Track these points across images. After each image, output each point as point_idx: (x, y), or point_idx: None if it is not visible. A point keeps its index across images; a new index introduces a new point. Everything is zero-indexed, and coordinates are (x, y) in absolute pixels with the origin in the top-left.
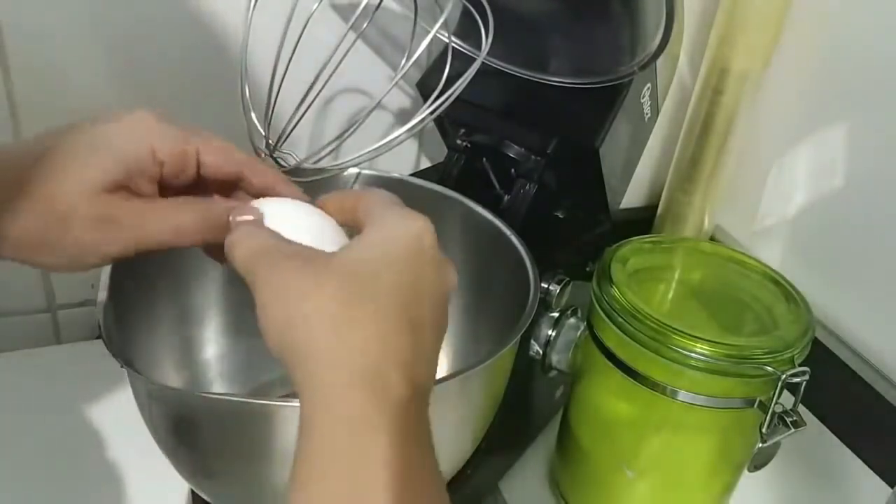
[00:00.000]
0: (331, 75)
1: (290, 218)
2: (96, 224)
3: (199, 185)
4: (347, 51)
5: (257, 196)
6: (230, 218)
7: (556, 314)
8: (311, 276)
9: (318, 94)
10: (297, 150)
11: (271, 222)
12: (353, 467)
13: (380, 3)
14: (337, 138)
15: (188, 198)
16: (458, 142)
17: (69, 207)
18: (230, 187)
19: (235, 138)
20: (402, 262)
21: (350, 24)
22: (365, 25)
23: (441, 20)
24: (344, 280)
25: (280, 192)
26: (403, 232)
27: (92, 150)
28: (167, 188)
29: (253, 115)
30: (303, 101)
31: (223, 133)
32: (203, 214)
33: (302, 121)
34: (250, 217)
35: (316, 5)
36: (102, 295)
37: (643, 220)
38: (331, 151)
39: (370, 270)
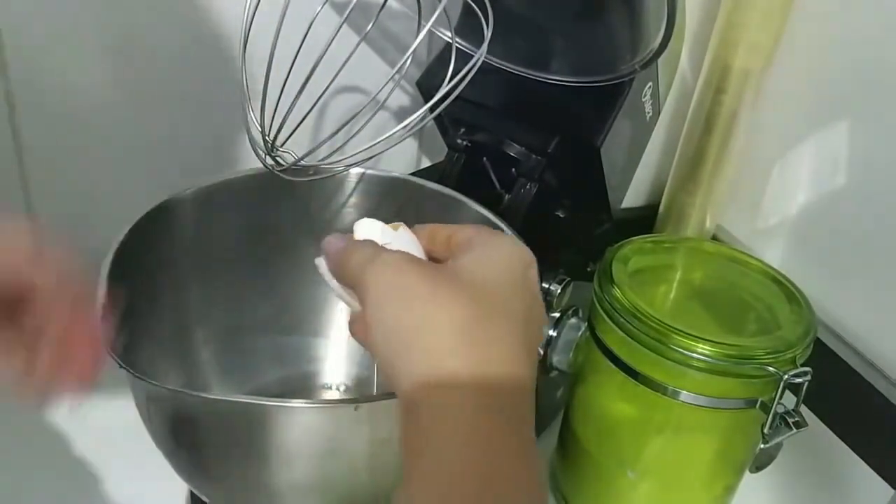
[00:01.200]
0: (336, 75)
1: (384, 238)
2: None
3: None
4: (351, 53)
5: None
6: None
7: (557, 314)
8: (443, 284)
9: (323, 93)
10: (297, 150)
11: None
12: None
13: (384, 4)
14: (333, 134)
15: None
16: (459, 141)
17: None
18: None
19: (235, 137)
20: (521, 289)
21: (344, 17)
22: (369, 28)
23: (437, 13)
24: (475, 295)
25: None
26: (518, 260)
27: None
28: None
29: (251, 113)
30: (296, 100)
31: (222, 132)
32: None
33: (301, 120)
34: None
35: (320, 7)
36: (101, 295)
37: (644, 220)
38: (323, 145)
39: (498, 291)
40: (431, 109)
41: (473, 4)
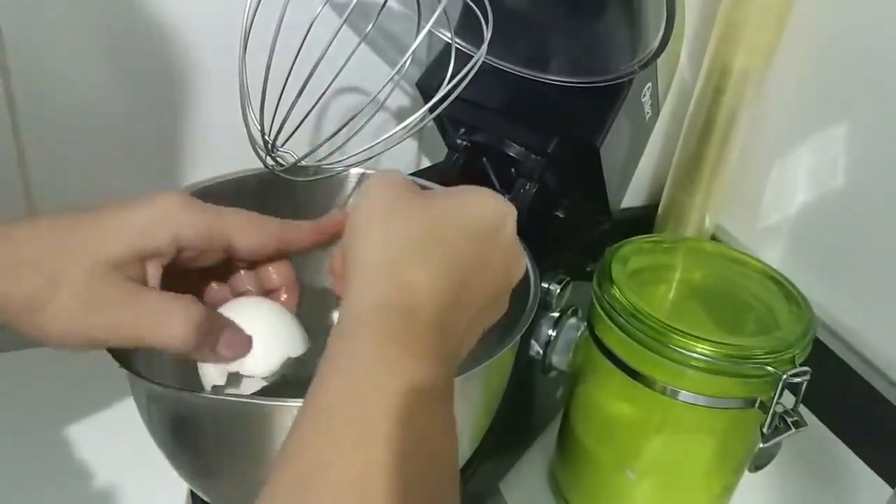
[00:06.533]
0: (336, 75)
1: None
2: (84, 297)
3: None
4: (352, 54)
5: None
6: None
7: (556, 314)
8: (418, 208)
9: (323, 93)
10: (297, 150)
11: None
12: (373, 382)
13: (384, 5)
14: (333, 134)
15: (181, 297)
16: (459, 141)
17: (63, 268)
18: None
19: (236, 139)
20: (481, 237)
21: (344, 18)
22: (369, 28)
23: (436, 13)
24: (434, 222)
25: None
26: (492, 210)
27: (111, 225)
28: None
29: (252, 114)
30: (296, 100)
31: (222, 133)
32: (196, 323)
33: (301, 120)
34: None
35: (320, 8)
36: None
37: (644, 220)
38: (323, 145)
39: (455, 230)
40: (431, 110)
41: (473, 5)
